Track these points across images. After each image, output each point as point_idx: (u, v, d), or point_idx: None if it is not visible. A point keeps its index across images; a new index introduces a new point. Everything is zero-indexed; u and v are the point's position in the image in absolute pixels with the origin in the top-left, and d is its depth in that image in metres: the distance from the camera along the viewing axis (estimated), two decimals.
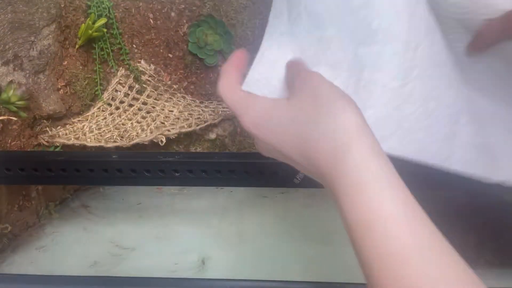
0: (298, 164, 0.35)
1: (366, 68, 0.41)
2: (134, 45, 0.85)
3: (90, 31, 0.77)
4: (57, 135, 0.74)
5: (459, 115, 0.44)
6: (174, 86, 0.88)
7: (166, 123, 0.80)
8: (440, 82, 0.43)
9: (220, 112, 0.84)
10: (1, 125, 0.65)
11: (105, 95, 0.84)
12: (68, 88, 0.79)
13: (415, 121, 0.42)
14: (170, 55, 0.86)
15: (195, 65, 0.86)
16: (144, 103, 0.85)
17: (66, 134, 0.75)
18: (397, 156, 0.40)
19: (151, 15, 0.83)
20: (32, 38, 0.70)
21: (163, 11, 0.82)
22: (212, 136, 0.90)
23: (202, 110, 0.84)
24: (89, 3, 0.79)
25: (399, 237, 0.26)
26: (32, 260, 0.66)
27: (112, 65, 0.85)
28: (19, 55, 0.68)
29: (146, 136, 0.75)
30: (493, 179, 0.45)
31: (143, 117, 0.83)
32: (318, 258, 0.65)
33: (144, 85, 0.85)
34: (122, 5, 0.82)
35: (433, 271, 0.25)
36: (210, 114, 0.83)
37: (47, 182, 0.71)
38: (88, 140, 0.73)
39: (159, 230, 0.73)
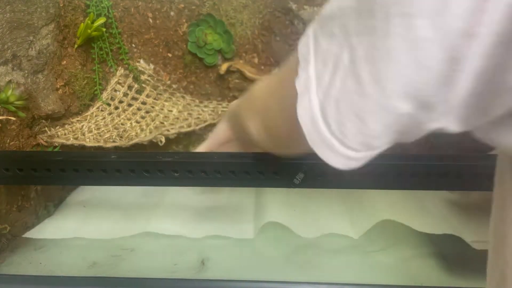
0: None
1: None
2: (133, 45, 0.85)
3: (89, 31, 0.77)
4: (56, 135, 0.74)
5: None
6: (174, 86, 0.87)
7: (165, 123, 0.80)
8: None
9: (219, 112, 0.84)
10: (0, 125, 0.64)
11: (104, 94, 0.84)
12: (67, 88, 0.78)
13: None
14: (170, 55, 0.86)
15: (194, 64, 0.85)
16: (143, 103, 0.85)
17: (65, 134, 0.75)
18: None
19: (150, 15, 0.82)
20: (31, 38, 0.69)
21: (162, 10, 0.82)
22: None
23: (201, 110, 0.84)
24: (88, 2, 0.79)
25: None
26: (31, 260, 0.65)
27: (111, 65, 0.85)
28: (18, 54, 0.68)
29: (145, 136, 0.75)
30: None
31: (142, 117, 0.83)
32: None
33: (143, 85, 0.85)
34: (121, 4, 0.82)
35: None
36: (210, 114, 0.82)
37: (46, 183, 0.71)
38: (87, 140, 0.73)
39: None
